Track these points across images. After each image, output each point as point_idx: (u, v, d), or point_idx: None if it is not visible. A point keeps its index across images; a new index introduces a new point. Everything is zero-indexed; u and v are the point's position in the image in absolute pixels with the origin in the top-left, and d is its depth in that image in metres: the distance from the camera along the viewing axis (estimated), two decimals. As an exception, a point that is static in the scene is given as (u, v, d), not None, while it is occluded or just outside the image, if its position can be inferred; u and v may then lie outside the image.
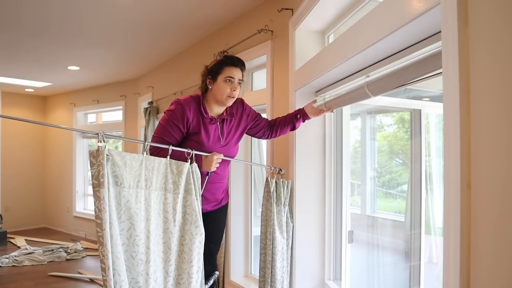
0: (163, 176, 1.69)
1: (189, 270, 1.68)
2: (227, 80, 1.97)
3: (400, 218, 2.60)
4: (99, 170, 1.44)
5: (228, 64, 2.01)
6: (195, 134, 1.99)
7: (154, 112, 4.54)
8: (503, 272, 0.79)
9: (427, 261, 2.23)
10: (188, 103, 1.97)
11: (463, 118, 0.88)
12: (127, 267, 1.52)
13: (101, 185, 1.44)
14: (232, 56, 2.08)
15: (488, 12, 0.84)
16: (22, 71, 5.03)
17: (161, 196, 1.67)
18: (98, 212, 1.43)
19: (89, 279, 4.07)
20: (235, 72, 1.99)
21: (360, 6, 1.91)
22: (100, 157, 1.45)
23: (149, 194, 1.61)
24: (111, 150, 1.52)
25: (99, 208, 1.43)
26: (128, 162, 1.55)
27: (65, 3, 2.83)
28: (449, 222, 0.91)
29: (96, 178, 1.45)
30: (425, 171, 2.19)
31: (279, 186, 2.15)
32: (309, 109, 2.14)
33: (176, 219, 1.69)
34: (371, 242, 2.62)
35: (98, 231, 1.43)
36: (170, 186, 1.69)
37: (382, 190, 2.79)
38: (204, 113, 2.00)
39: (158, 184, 1.66)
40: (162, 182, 1.68)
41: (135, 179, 1.57)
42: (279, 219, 2.13)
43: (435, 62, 1.21)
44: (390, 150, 2.79)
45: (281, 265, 2.10)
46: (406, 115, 2.46)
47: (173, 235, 1.68)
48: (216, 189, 2.12)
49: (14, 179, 6.54)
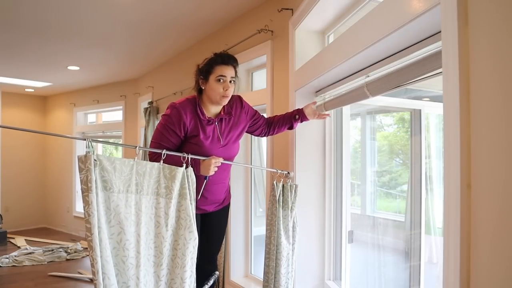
0: (156, 181, 1.68)
1: (182, 275, 1.68)
2: (219, 79, 1.92)
3: (400, 218, 2.60)
4: (87, 175, 1.46)
5: (218, 63, 1.95)
6: (194, 136, 1.95)
7: (154, 112, 4.54)
8: (503, 272, 0.79)
9: (427, 261, 2.23)
10: (184, 107, 1.93)
11: (463, 118, 0.88)
12: (118, 271, 1.53)
13: (89, 190, 1.46)
14: (222, 54, 2.01)
15: (488, 12, 0.84)
16: (22, 71, 5.03)
17: (153, 201, 1.66)
18: (87, 217, 1.45)
19: (89, 279, 4.07)
20: (226, 71, 1.94)
21: (360, 6, 1.91)
22: (87, 163, 1.47)
23: (140, 199, 1.61)
24: (100, 156, 1.53)
25: (88, 213, 1.45)
26: (117, 167, 1.56)
27: (65, 3, 2.83)
28: (449, 222, 0.91)
29: (84, 183, 1.47)
30: (425, 171, 2.19)
31: (286, 190, 2.06)
32: (308, 110, 2.11)
33: (169, 223, 1.69)
34: (371, 242, 2.62)
35: (88, 236, 1.45)
36: (163, 191, 1.69)
37: (382, 190, 2.79)
38: (201, 115, 1.96)
39: (150, 189, 1.66)
40: (155, 187, 1.67)
41: (125, 183, 1.57)
42: (285, 224, 2.05)
43: (435, 62, 1.21)
44: (390, 150, 2.78)
45: (286, 270, 2.04)
46: (406, 115, 2.45)
47: (166, 240, 1.68)
48: (218, 190, 2.10)
49: (14, 179, 6.55)
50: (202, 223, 2.15)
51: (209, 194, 2.07)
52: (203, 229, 2.15)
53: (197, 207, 2.08)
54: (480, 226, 0.85)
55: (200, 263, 2.11)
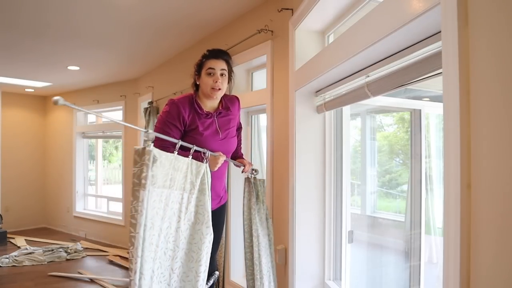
0: (184, 176, 1.69)
1: (197, 269, 1.69)
2: (209, 72, 2.02)
3: (400, 218, 2.60)
4: (142, 169, 1.43)
5: (208, 57, 2.06)
6: (193, 130, 2.01)
7: (154, 112, 4.54)
8: (503, 272, 0.79)
9: (427, 261, 2.23)
10: (182, 102, 2.01)
11: (463, 118, 0.88)
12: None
13: (142, 186, 1.43)
14: (213, 49, 2.11)
15: (488, 12, 0.84)
16: (22, 71, 5.03)
17: (178, 196, 1.68)
18: (134, 212, 1.42)
19: (89, 279, 4.07)
20: (215, 64, 2.03)
21: (360, 6, 1.91)
22: (145, 157, 1.44)
23: (169, 194, 1.62)
24: (156, 150, 1.50)
25: (136, 209, 1.42)
26: (163, 161, 1.55)
27: (65, 4, 2.83)
28: (449, 222, 0.91)
29: (137, 178, 1.44)
30: (425, 171, 2.19)
31: (257, 185, 2.23)
32: (240, 164, 2.23)
33: (187, 218, 1.71)
34: (371, 242, 2.62)
35: (131, 232, 1.43)
36: (188, 186, 1.70)
37: (382, 190, 2.80)
38: (199, 109, 2.03)
39: (179, 184, 1.67)
40: (182, 182, 1.69)
41: (163, 178, 1.57)
42: (260, 216, 2.20)
43: (435, 62, 1.21)
44: (390, 150, 2.79)
45: (266, 260, 2.17)
46: (406, 115, 2.45)
47: (183, 234, 1.69)
48: (218, 185, 2.14)
49: (14, 179, 6.55)
50: None
51: (211, 189, 2.11)
52: None
53: None
54: (480, 226, 0.85)
55: None
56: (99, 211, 6.33)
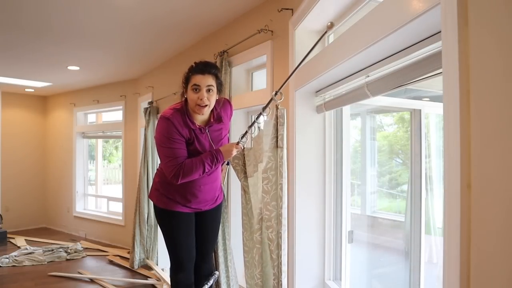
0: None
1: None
2: (194, 88, 1.94)
3: (400, 218, 2.60)
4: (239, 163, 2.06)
5: (194, 72, 1.97)
6: (190, 144, 2.00)
7: (154, 112, 4.54)
8: (504, 272, 0.79)
9: (427, 261, 2.23)
10: (175, 117, 1.95)
11: (463, 118, 0.88)
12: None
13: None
14: (199, 63, 2.01)
15: (488, 12, 0.84)
16: (22, 71, 5.03)
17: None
18: (244, 204, 1.92)
19: (89, 279, 4.07)
20: (201, 80, 1.94)
21: (360, 6, 1.91)
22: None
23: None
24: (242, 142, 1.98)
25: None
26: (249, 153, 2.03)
27: (66, 4, 2.83)
28: (449, 222, 0.91)
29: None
30: (425, 171, 2.19)
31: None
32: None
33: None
34: (371, 242, 2.62)
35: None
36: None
37: (382, 190, 2.80)
38: (191, 124, 1.98)
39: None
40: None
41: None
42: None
43: (435, 62, 1.21)
44: (390, 150, 2.79)
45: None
46: (406, 115, 2.45)
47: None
48: (209, 189, 2.16)
49: (14, 179, 6.55)
50: (197, 222, 2.22)
51: (201, 193, 2.12)
52: (197, 228, 2.21)
53: (190, 206, 2.14)
54: (480, 226, 0.85)
55: (195, 261, 2.20)
56: (99, 211, 6.33)
